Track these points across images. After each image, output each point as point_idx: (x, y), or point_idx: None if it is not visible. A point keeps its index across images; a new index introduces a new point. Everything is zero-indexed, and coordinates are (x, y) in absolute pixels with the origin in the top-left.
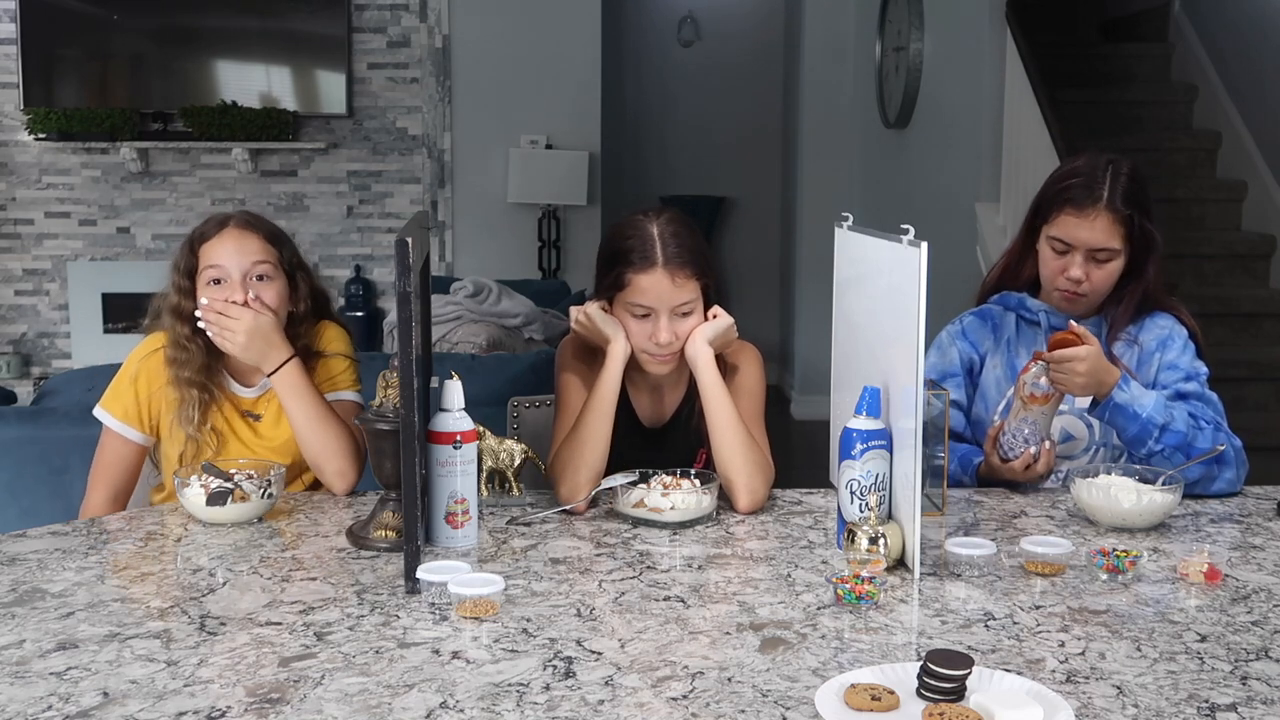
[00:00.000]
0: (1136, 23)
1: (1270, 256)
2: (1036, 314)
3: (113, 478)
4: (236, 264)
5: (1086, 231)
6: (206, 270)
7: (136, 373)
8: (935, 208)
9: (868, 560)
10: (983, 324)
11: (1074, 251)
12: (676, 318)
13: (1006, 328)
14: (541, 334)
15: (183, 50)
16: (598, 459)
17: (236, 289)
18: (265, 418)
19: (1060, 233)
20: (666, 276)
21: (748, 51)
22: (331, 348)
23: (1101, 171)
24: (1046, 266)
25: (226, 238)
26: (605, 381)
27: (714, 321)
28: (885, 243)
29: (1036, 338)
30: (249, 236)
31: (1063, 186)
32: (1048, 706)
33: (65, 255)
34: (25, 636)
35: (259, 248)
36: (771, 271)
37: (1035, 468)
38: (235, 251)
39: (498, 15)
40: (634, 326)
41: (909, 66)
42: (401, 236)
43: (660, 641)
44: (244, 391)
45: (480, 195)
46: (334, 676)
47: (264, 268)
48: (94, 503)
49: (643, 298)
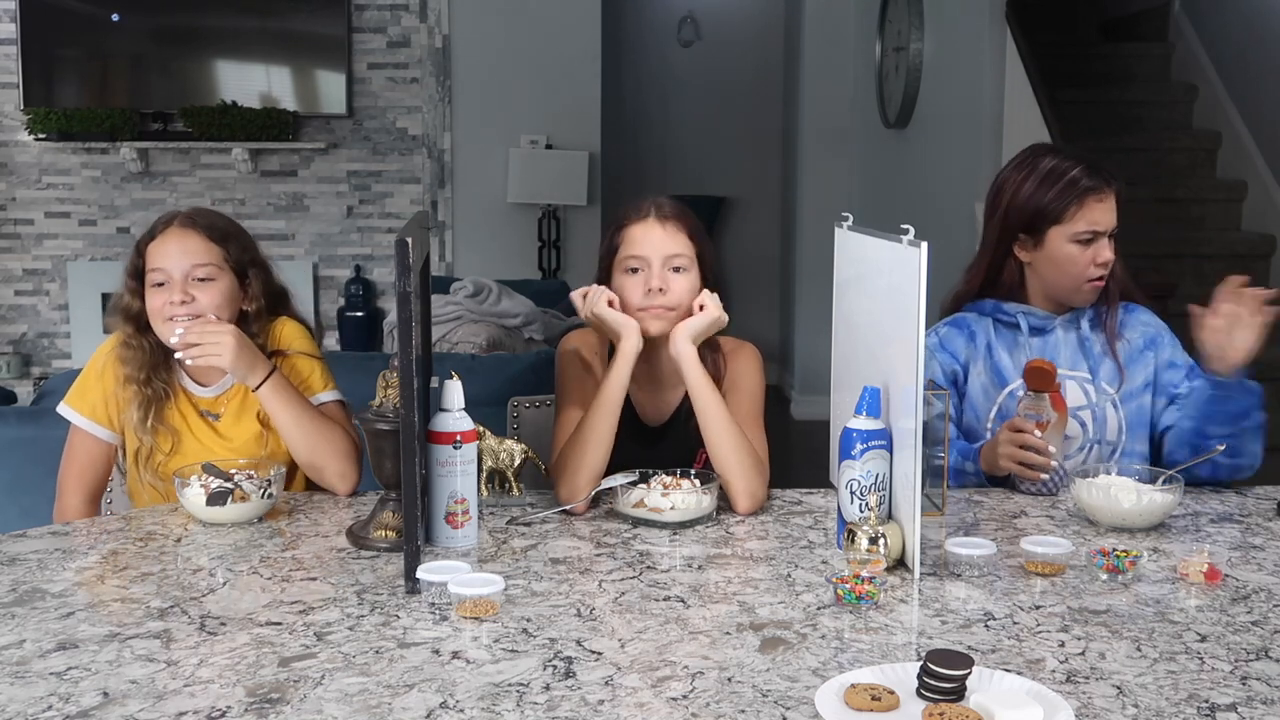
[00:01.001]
0: (1136, 23)
1: (1270, 256)
2: (1014, 316)
3: (85, 479)
4: (177, 265)
5: (1110, 214)
6: (150, 273)
7: (103, 368)
8: (935, 208)
9: (868, 560)
10: (959, 333)
11: (1100, 237)
12: (670, 272)
13: (984, 333)
14: (541, 334)
15: (183, 50)
16: (600, 459)
17: (176, 290)
18: (224, 417)
19: (1087, 224)
20: (658, 224)
21: (748, 51)
22: (294, 347)
23: (1081, 158)
24: (1073, 264)
25: (168, 238)
26: (614, 379)
27: (697, 317)
28: (885, 243)
29: (1016, 339)
30: (190, 236)
31: (1068, 182)
32: (1048, 706)
33: (65, 255)
34: (25, 636)
35: (199, 248)
36: (771, 271)
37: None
38: (176, 252)
39: (498, 15)
40: (628, 284)
41: (909, 66)
42: (401, 236)
43: (660, 641)
44: (201, 391)
45: (480, 195)
46: (334, 676)
47: (205, 269)
48: (69, 506)
49: (635, 248)
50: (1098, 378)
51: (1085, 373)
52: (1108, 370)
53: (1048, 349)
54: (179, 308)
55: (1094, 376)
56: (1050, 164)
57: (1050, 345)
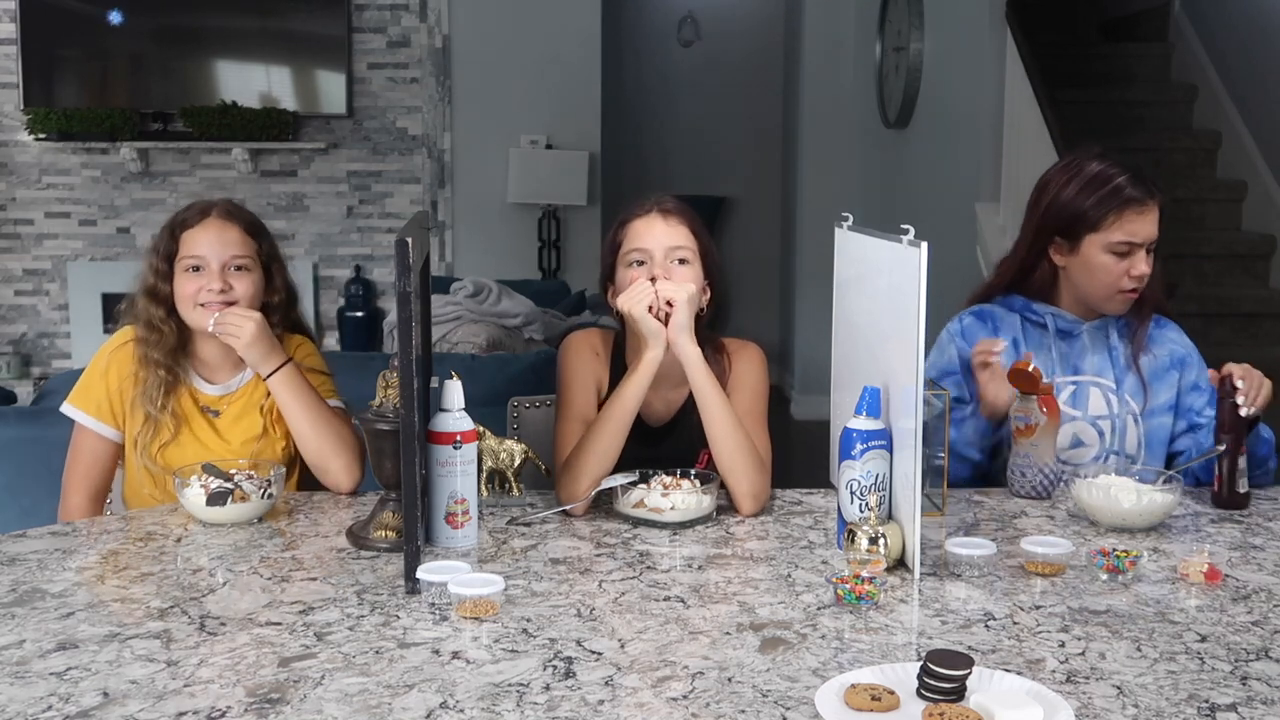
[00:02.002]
0: (1136, 23)
1: (1270, 256)
2: (1043, 316)
3: (90, 478)
4: (216, 254)
5: (1150, 226)
6: (185, 259)
7: (107, 366)
8: (935, 208)
9: (868, 560)
10: (982, 324)
11: (1137, 249)
12: (673, 264)
13: (1010, 328)
14: (541, 334)
15: (183, 50)
16: (605, 469)
17: (214, 278)
18: (224, 416)
19: (1125, 235)
20: (660, 219)
21: (748, 51)
22: (305, 364)
23: (1130, 168)
24: (1107, 274)
25: (209, 227)
26: (633, 385)
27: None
28: (885, 243)
29: (1044, 340)
30: (230, 227)
31: (1110, 191)
32: (1048, 706)
33: (65, 255)
34: (25, 636)
35: (238, 239)
36: (771, 271)
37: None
38: (216, 241)
39: (498, 15)
40: (632, 278)
41: (909, 66)
42: (401, 236)
43: (660, 641)
44: (208, 389)
45: (480, 195)
46: (334, 676)
47: (242, 260)
48: (73, 505)
49: (637, 240)
50: (1121, 389)
51: (1110, 381)
52: (1131, 384)
53: (1074, 354)
54: (215, 295)
55: (1118, 387)
56: (1096, 169)
57: (1076, 350)
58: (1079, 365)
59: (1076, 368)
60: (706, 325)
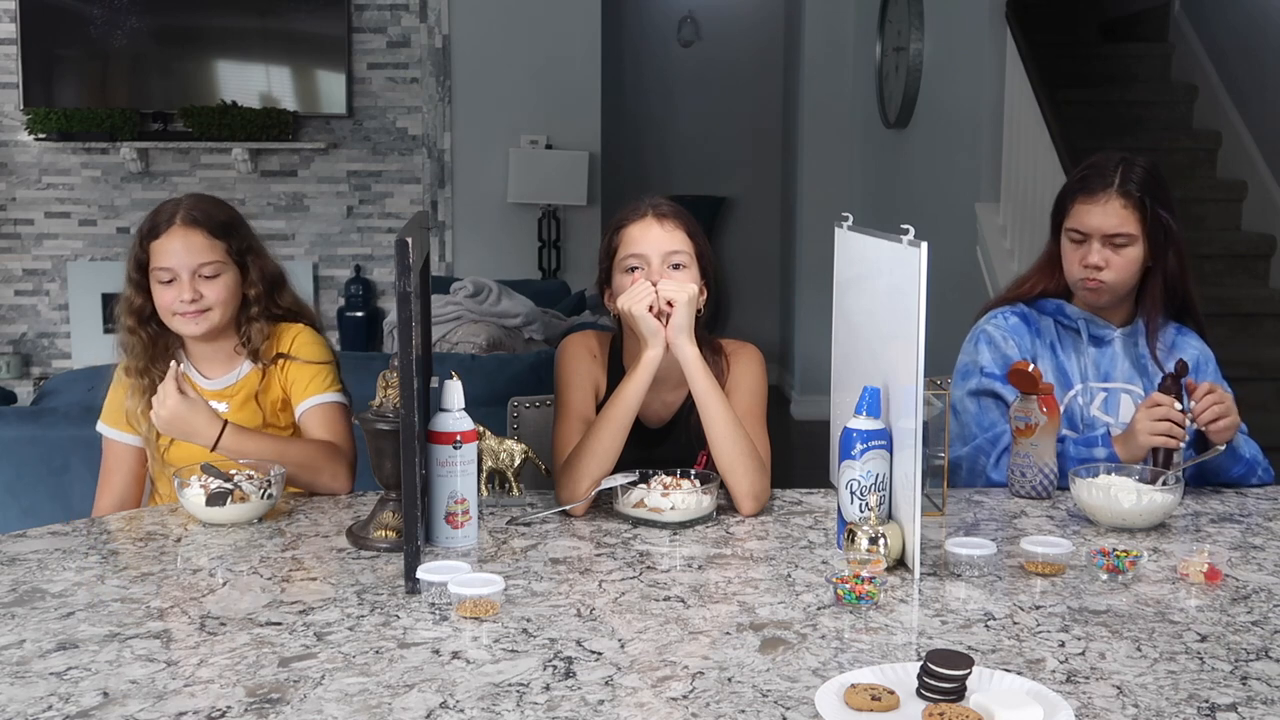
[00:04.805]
0: (1136, 23)
1: (1270, 256)
2: (1075, 321)
3: (114, 482)
4: (183, 264)
5: (1100, 217)
6: (156, 270)
7: (117, 379)
8: (935, 208)
9: (868, 560)
10: (1025, 326)
11: (1090, 239)
12: (669, 269)
13: (1047, 332)
14: (541, 334)
15: (183, 50)
16: (605, 469)
17: (185, 288)
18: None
19: (1076, 222)
20: (655, 223)
21: (748, 51)
22: (304, 354)
23: (1114, 163)
24: (1068, 261)
25: (174, 236)
26: (632, 385)
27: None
28: (885, 243)
29: (1077, 345)
30: (193, 234)
31: (1077, 179)
32: (1048, 706)
33: (65, 255)
34: (25, 636)
35: (203, 245)
36: (771, 271)
37: (1175, 430)
38: (181, 251)
39: (498, 15)
40: (629, 283)
41: (909, 66)
42: (401, 236)
43: (660, 641)
44: (206, 383)
45: (480, 195)
46: (334, 676)
47: (210, 267)
48: (100, 509)
49: (634, 246)
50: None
51: (1139, 389)
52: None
53: (1105, 361)
54: (189, 305)
55: (1146, 395)
56: (1091, 159)
57: (1107, 357)
58: (1110, 373)
59: (1108, 375)
60: (704, 326)
